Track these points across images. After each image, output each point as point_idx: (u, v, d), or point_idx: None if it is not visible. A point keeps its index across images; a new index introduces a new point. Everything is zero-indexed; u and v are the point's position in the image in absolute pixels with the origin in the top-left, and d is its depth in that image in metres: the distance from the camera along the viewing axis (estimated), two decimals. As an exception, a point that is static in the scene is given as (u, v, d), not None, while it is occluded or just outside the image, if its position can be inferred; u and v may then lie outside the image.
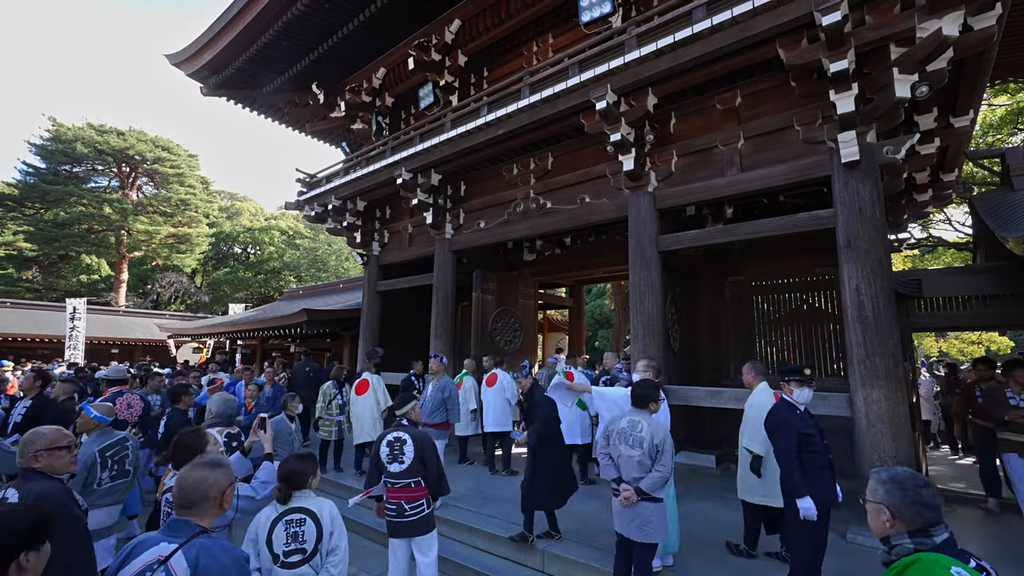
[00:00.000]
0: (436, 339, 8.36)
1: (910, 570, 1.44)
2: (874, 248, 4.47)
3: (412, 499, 3.49)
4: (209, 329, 16.17)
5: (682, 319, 7.58)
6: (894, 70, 4.26)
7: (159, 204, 30.42)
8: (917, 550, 1.48)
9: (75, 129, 28.15)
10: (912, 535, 1.50)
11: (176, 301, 32.23)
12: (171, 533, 1.67)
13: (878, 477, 1.62)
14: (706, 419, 6.97)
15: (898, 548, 1.51)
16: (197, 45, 9.20)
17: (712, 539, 4.25)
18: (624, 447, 3.28)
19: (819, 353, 7.05)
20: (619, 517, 3.29)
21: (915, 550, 1.48)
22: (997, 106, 13.88)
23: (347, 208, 9.49)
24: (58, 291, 27.97)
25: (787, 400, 3.49)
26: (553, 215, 7.06)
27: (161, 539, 1.64)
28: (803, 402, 3.44)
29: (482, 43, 8.37)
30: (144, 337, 21.70)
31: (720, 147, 5.59)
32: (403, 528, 3.48)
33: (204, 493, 1.75)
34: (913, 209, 7.99)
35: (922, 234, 16.24)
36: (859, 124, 4.54)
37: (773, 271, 7.50)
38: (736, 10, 4.59)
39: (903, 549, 1.50)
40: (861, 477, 4.26)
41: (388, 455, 3.52)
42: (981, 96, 5.80)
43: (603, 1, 6.47)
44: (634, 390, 3.49)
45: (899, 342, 4.46)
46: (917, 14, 4.02)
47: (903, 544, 1.51)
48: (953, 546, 1.48)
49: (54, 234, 26.37)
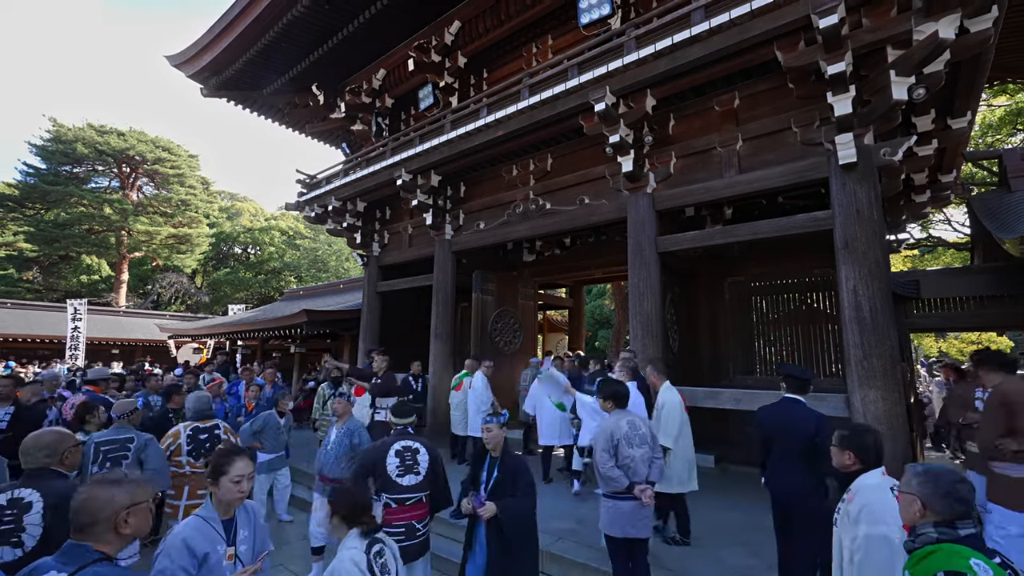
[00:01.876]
0: (436, 340, 8.39)
1: (930, 558, 1.51)
2: (871, 249, 4.50)
3: (422, 516, 3.14)
4: (209, 330, 16.20)
5: (681, 320, 7.60)
6: (891, 72, 4.28)
7: (159, 204, 30.45)
8: (940, 540, 1.54)
9: (75, 130, 28.18)
10: (937, 526, 1.57)
11: (176, 301, 32.25)
12: (64, 559, 1.48)
13: (913, 470, 1.70)
14: (705, 419, 6.98)
15: (922, 537, 1.59)
16: (198, 47, 9.23)
17: (709, 539, 4.27)
18: (632, 449, 3.29)
19: (817, 354, 7.07)
20: (630, 520, 3.23)
21: (938, 540, 1.55)
22: (996, 106, 13.90)
23: (347, 209, 9.51)
24: (58, 292, 27.99)
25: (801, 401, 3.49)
26: (553, 216, 7.08)
27: (53, 566, 1.46)
28: None
29: (482, 45, 8.40)
30: (144, 338, 21.73)
31: (719, 149, 5.62)
32: (416, 550, 3.07)
33: (94, 515, 1.53)
34: (912, 210, 8.01)
35: (922, 234, 16.26)
36: (856, 126, 4.56)
37: (772, 272, 7.53)
38: (734, 12, 4.62)
39: (927, 538, 1.57)
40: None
41: (399, 467, 3.10)
42: (979, 98, 5.82)
43: (602, 3, 6.49)
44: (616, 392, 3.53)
45: (896, 343, 4.48)
46: (914, 17, 4.04)
47: (927, 533, 1.58)
48: (978, 541, 1.53)
49: (54, 235, 26.40)
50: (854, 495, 2.13)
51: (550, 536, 4.41)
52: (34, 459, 2.31)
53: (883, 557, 1.94)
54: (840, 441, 2.30)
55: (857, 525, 2.03)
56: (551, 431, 6.10)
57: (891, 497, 2.02)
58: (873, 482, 2.14)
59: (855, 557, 2.02)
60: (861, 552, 1.99)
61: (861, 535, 2.01)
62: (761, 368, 7.49)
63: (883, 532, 1.96)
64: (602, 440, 3.33)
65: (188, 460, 3.92)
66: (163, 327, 19.62)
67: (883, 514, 1.99)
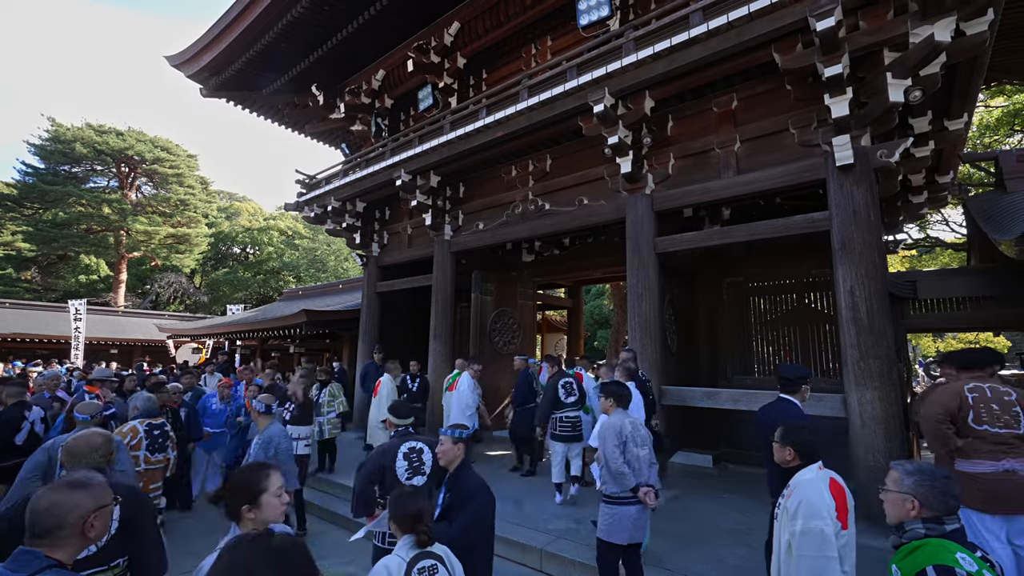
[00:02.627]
0: (435, 340, 8.41)
1: (919, 551, 1.57)
2: (868, 251, 4.53)
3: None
4: (208, 330, 16.20)
5: (680, 320, 7.63)
6: (887, 75, 4.31)
7: (158, 204, 30.41)
8: (927, 535, 1.60)
9: (74, 129, 28.13)
10: (926, 522, 1.62)
11: (175, 301, 32.23)
12: (14, 567, 1.39)
13: (904, 469, 1.73)
14: (703, 419, 7.01)
15: (910, 533, 1.64)
16: (197, 47, 9.24)
17: (709, 539, 4.29)
18: (638, 449, 3.31)
19: (815, 354, 7.10)
20: (635, 524, 3.24)
21: (925, 535, 1.60)
22: (994, 107, 13.96)
23: (346, 209, 9.53)
24: (57, 291, 27.97)
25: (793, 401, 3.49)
26: (552, 217, 7.10)
27: (3, 573, 1.38)
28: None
29: (481, 45, 8.42)
30: (143, 337, 21.72)
31: (717, 150, 5.64)
32: None
33: (59, 520, 1.45)
34: (909, 211, 8.05)
35: (920, 235, 16.32)
36: (853, 128, 4.59)
37: (770, 272, 7.56)
38: (732, 15, 4.65)
39: (915, 534, 1.63)
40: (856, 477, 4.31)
41: (407, 469, 2.97)
42: (975, 100, 5.86)
43: (601, 5, 6.51)
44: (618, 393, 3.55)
45: (893, 344, 4.52)
46: (910, 19, 4.08)
47: (915, 529, 1.63)
48: (963, 536, 1.59)
49: (53, 234, 26.38)
50: (792, 491, 2.19)
51: (548, 536, 4.44)
52: (91, 460, 2.30)
53: (817, 550, 2.01)
54: (782, 438, 2.35)
55: (795, 520, 2.09)
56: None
57: (826, 492, 2.11)
58: (810, 477, 2.20)
59: (793, 551, 2.09)
60: (797, 546, 2.06)
61: (798, 530, 2.07)
62: (760, 368, 7.52)
63: (819, 526, 2.03)
64: (612, 436, 3.30)
65: (145, 455, 4.02)
66: (162, 327, 19.61)
67: (819, 508, 2.06)
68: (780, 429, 2.41)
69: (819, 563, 1.99)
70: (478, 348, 8.64)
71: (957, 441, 3.11)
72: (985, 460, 3.00)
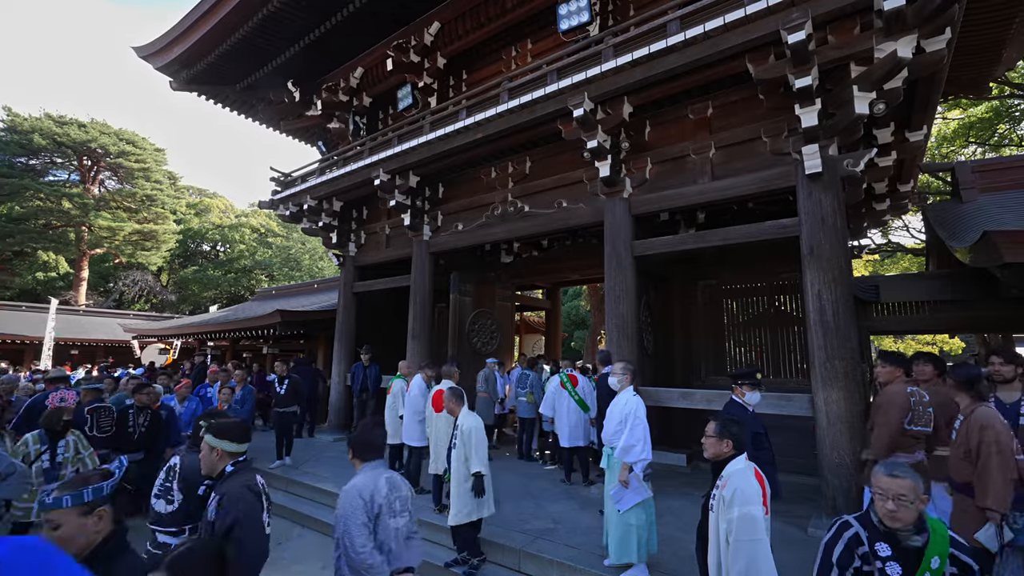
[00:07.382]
0: (413, 341, 8.35)
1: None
2: (835, 256, 4.71)
3: None
4: (177, 330, 15.68)
5: (656, 321, 7.78)
6: (854, 88, 4.50)
7: (123, 199, 29.26)
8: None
9: (32, 120, 26.83)
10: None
11: (141, 300, 31.05)
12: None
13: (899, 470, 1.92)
14: (678, 419, 7.16)
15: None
16: (168, 38, 8.95)
17: (687, 537, 4.38)
18: (395, 519, 2.53)
19: (785, 355, 7.34)
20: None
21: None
22: (951, 120, 14.66)
23: (323, 208, 9.37)
24: (12, 289, 26.63)
25: (738, 402, 3.67)
26: (531, 219, 7.14)
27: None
28: (753, 404, 3.66)
29: (462, 47, 8.40)
30: (106, 338, 20.86)
31: (692, 156, 5.78)
32: None
33: None
34: (872, 217, 8.39)
35: (882, 240, 17.01)
36: (822, 138, 4.77)
37: (743, 275, 7.77)
38: (708, 25, 4.77)
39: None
40: (822, 474, 4.48)
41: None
42: (934, 113, 6.15)
43: (581, 10, 6.58)
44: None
45: (858, 345, 4.70)
46: (875, 36, 4.26)
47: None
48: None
49: (8, 229, 25.08)
50: (727, 481, 2.35)
51: (527, 536, 4.47)
52: None
53: (752, 533, 2.18)
54: (720, 432, 2.49)
55: (731, 508, 2.24)
56: (576, 432, 6.11)
57: (754, 479, 2.30)
58: (740, 467, 2.38)
59: (730, 537, 2.23)
60: (735, 532, 2.21)
61: (735, 516, 2.22)
62: (732, 368, 7.72)
63: (752, 512, 2.20)
64: (358, 511, 2.34)
65: None
66: (127, 327, 18.87)
67: (752, 495, 2.24)
68: (715, 424, 2.53)
69: (753, 546, 2.16)
70: (456, 349, 8.62)
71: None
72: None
